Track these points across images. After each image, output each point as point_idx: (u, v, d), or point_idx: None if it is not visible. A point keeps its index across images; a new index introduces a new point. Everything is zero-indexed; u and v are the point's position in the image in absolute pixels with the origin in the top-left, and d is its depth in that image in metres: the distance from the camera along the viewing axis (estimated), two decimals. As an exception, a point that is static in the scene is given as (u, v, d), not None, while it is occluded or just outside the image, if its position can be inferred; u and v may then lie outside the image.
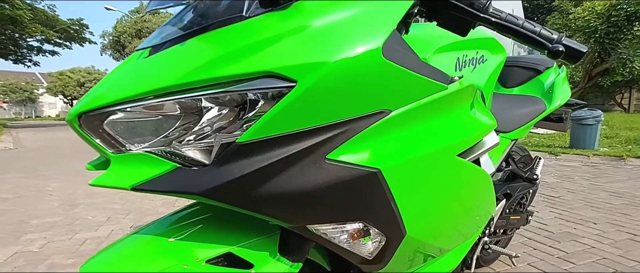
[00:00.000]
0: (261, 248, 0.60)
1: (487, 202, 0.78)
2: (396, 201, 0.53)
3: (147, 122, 0.47)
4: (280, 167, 0.45)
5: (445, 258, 0.84)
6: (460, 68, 0.80)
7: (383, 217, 0.53)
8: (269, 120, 0.43)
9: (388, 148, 0.50)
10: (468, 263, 1.20)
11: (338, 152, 0.47)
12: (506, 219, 1.38)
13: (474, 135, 0.62)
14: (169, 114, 0.47)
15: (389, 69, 0.47)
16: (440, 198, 0.61)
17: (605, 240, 2.05)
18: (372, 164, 0.48)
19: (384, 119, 0.49)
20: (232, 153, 0.44)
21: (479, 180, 0.68)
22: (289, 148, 0.44)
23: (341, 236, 0.55)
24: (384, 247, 0.58)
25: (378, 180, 0.49)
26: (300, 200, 0.47)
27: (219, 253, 0.57)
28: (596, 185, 3.44)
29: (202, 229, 0.59)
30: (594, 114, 5.40)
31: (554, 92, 1.33)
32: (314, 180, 0.46)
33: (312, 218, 0.51)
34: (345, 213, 0.51)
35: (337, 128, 0.46)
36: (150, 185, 0.45)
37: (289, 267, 0.61)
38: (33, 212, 2.79)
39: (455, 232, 0.73)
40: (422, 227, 0.60)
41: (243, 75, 0.42)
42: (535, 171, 1.42)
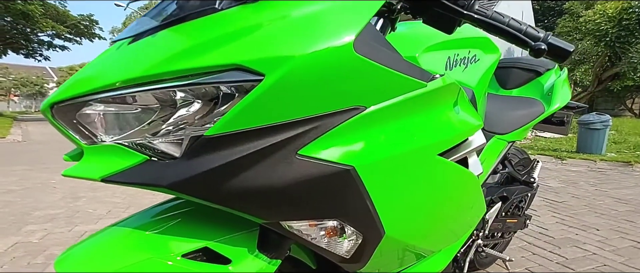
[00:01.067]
0: (239, 244, 0.60)
1: (475, 203, 0.77)
2: (373, 200, 0.52)
3: (121, 113, 0.47)
4: (249, 162, 0.44)
5: (433, 259, 0.83)
6: (451, 67, 0.78)
7: (359, 216, 0.53)
8: (237, 114, 0.42)
9: (363, 146, 0.49)
10: (461, 266, 1.18)
11: (310, 148, 0.46)
12: (502, 222, 1.36)
13: (456, 134, 0.61)
14: (144, 106, 0.47)
15: (361, 64, 0.46)
16: (421, 198, 0.60)
17: (608, 247, 2.01)
18: (346, 161, 0.48)
19: (358, 116, 0.48)
20: (201, 146, 0.44)
21: (463, 181, 0.67)
22: (259, 143, 0.44)
23: (317, 234, 0.54)
24: (361, 246, 0.57)
25: (352, 178, 0.48)
26: (270, 196, 0.46)
27: (195, 247, 0.56)
28: (602, 191, 3.38)
29: (180, 223, 0.59)
30: (602, 118, 5.32)
31: (553, 94, 1.30)
32: (284, 176, 0.45)
33: (284, 214, 0.50)
34: (318, 211, 0.50)
35: (309, 123, 0.45)
36: (119, 177, 0.44)
37: (267, 264, 0.61)
38: (36, 203, 2.83)
39: (439, 233, 0.72)
40: (402, 227, 0.59)
41: (210, 68, 0.42)
42: (532, 174, 1.39)
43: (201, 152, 0.43)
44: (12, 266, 1.74)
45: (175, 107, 0.46)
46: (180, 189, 0.44)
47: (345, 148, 0.48)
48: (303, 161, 0.46)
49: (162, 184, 0.43)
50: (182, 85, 0.42)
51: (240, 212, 0.49)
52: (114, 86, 0.43)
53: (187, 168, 0.43)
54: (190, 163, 0.43)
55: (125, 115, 0.47)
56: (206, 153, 0.43)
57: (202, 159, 0.43)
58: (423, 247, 0.70)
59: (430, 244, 0.72)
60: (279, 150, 0.45)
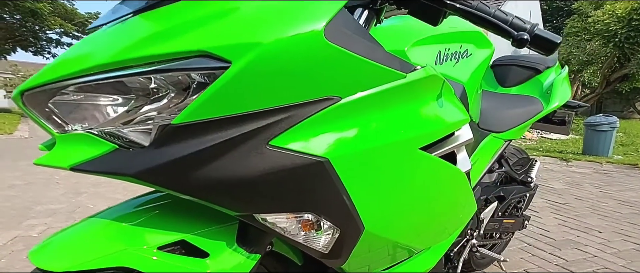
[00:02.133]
0: (218, 238, 0.59)
1: (464, 200, 0.75)
2: (350, 194, 0.50)
3: (93, 102, 0.46)
4: (218, 152, 0.43)
5: (421, 257, 0.81)
6: (441, 62, 0.77)
7: (335, 210, 0.51)
8: (203, 102, 0.41)
9: (338, 138, 0.48)
10: (454, 265, 1.16)
11: (282, 139, 0.45)
12: (499, 222, 1.34)
13: (439, 128, 0.59)
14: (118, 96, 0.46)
15: (334, 53, 0.44)
16: (402, 193, 0.58)
17: (609, 249, 1.97)
18: (320, 153, 0.46)
19: (332, 106, 0.47)
20: (168, 135, 0.43)
21: (449, 177, 0.65)
22: (227, 133, 0.43)
23: (294, 228, 0.53)
24: (339, 241, 0.56)
25: (326, 171, 0.47)
26: (241, 188, 0.45)
27: (172, 240, 0.56)
28: (606, 193, 3.33)
29: (157, 216, 0.58)
30: (609, 120, 5.24)
31: (552, 92, 1.28)
32: (255, 167, 0.44)
33: (257, 206, 0.49)
34: (292, 203, 0.49)
35: (280, 113, 0.44)
36: (87, 166, 0.44)
37: (246, 258, 0.60)
38: (38, 198, 2.85)
39: (425, 230, 0.70)
40: (383, 222, 0.58)
41: (176, 54, 0.41)
42: (530, 174, 1.37)
43: (168, 141, 0.43)
44: (10, 259, 1.76)
45: (150, 96, 0.45)
46: (146, 178, 0.43)
47: (319, 139, 0.47)
48: (275, 152, 0.45)
49: (128, 173, 0.42)
50: (146, 72, 0.41)
51: (212, 204, 0.48)
52: (80, 73, 0.42)
53: (154, 157, 0.43)
54: (157, 153, 0.43)
55: (98, 105, 0.46)
56: (173, 143, 0.42)
57: (169, 148, 0.42)
58: (408, 244, 0.69)
59: (416, 242, 0.70)
60: (249, 140, 0.44)
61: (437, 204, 0.68)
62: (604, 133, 5.25)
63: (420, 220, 0.66)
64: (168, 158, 0.42)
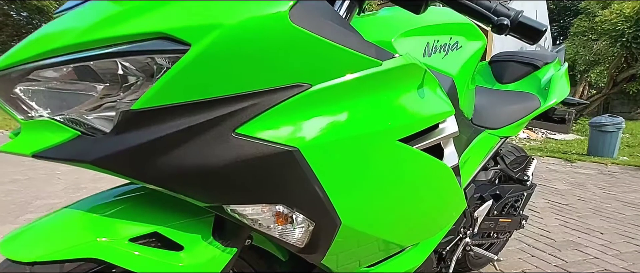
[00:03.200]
0: (193, 230, 0.58)
1: (450, 196, 0.73)
2: (323, 185, 0.49)
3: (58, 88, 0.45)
4: (180, 139, 0.41)
5: (407, 255, 0.79)
6: (429, 54, 0.74)
7: (307, 202, 0.50)
8: (163, 86, 0.40)
9: (309, 127, 0.46)
10: (447, 264, 1.14)
11: (248, 127, 0.43)
12: (495, 221, 1.31)
13: (420, 119, 0.57)
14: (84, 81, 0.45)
15: (301, 37, 0.43)
16: (380, 187, 0.56)
17: (610, 251, 1.94)
18: (289, 142, 0.45)
19: (302, 94, 0.45)
20: (128, 121, 0.41)
21: (432, 171, 0.63)
22: (190, 120, 0.41)
23: (267, 220, 0.51)
24: (315, 235, 0.54)
25: (296, 161, 0.45)
26: (206, 177, 0.44)
27: (144, 231, 0.54)
28: (610, 194, 3.27)
29: (130, 207, 0.57)
30: (615, 120, 5.16)
31: (550, 89, 1.25)
32: (220, 156, 0.42)
33: (224, 197, 0.47)
34: (261, 194, 0.48)
35: (246, 100, 0.43)
36: (49, 153, 0.43)
37: (221, 252, 0.58)
38: (38, 193, 2.87)
39: (407, 226, 0.68)
40: (361, 216, 0.56)
41: (134, 36, 0.39)
42: (526, 172, 1.34)
43: (129, 127, 0.41)
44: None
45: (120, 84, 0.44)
46: (105, 165, 0.42)
47: (288, 128, 0.45)
48: (241, 140, 0.43)
49: (86, 160, 0.41)
50: (104, 55, 0.40)
51: (176, 193, 0.46)
52: (37, 58, 0.41)
53: (113, 144, 0.41)
54: (117, 139, 0.41)
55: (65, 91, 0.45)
56: (134, 129, 0.41)
57: (129, 135, 0.41)
58: (392, 240, 0.67)
59: (400, 238, 0.68)
60: (213, 127, 0.42)
61: (421, 199, 0.65)
62: (609, 134, 5.18)
63: (403, 215, 0.64)
64: (127, 144, 0.41)
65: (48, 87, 0.45)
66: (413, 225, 0.69)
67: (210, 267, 0.57)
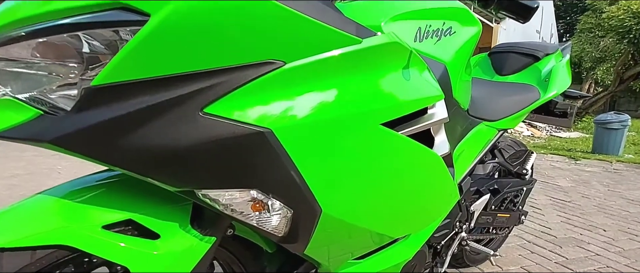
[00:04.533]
0: (169, 218, 0.56)
1: (440, 186, 0.70)
2: (299, 170, 0.46)
3: (22, 67, 0.43)
4: (143, 118, 0.39)
5: (398, 247, 0.77)
6: (421, 39, 0.71)
7: (283, 187, 0.47)
8: (122, 60, 0.37)
9: (283, 107, 0.44)
10: (443, 260, 1.12)
11: (217, 106, 0.41)
12: (492, 216, 1.28)
13: (405, 103, 0.54)
14: (49, 58, 0.43)
15: (271, 9, 0.40)
16: (363, 173, 0.54)
17: (613, 248, 1.90)
18: (261, 123, 0.42)
19: (275, 72, 0.43)
20: (88, 99, 0.39)
21: (420, 158, 0.60)
22: (154, 97, 0.39)
23: (240, 206, 0.49)
24: (294, 223, 0.52)
25: (268, 143, 0.43)
26: (172, 159, 0.42)
27: (117, 219, 0.52)
28: (614, 192, 3.22)
29: (104, 193, 0.55)
30: (620, 117, 5.09)
31: (550, 80, 1.21)
32: (187, 136, 0.40)
33: (194, 181, 0.45)
34: (233, 178, 0.45)
35: (214, 77, 0.40)
36: (10, 133, 0.41)
37: (199, 241, 0.56)
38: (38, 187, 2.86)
39: (396, 216, 0.66)
40: (342, 204, 0.53)
41: (93, 7, 0.37)
42: (525, 166, 1.31)
43: (89, 105, 0.39)
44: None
45: (83, 61, 0.42)
46: (64, 145, 0.40)
47: (261, 108, 0.43)
48: (209, 120, 0.41)
49: (44, 139, 0.39)
50: (60, 27, 0.38)
51: (143, 176, 0.44)
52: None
53: (74, 122, 0.39)
54: (77, 118, 0.39)
55: (27, 69, 0.43)
56: (94, 107, 0.39)
57: (89, 113, 0.39)
58: (379, 231, 0.64)
59: (388, 229, 0.66)
60: (178, 105, 0.40)
61: (409, 188, 0.63)
62: (614, 131, 5.10)
63: (389, 205, 0.62)
64: (86, 123, 0.39)
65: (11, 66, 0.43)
66: (401, 216, 0.66)
67: (187, 255, 0.56)
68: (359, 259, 0.75)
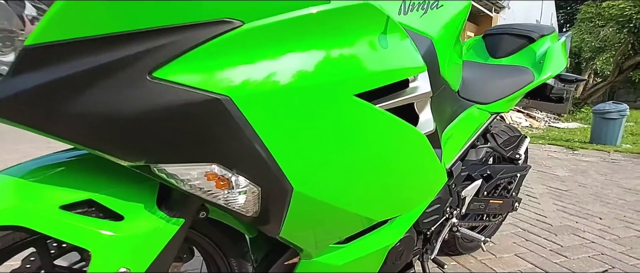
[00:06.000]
0: (134, 199, 0.52)
1: (424, 165, 0.67)
2: (265, 143, 0.43)
3: None
4: (84, 82, 0.36)
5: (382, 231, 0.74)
6: (406, 11, 0.68)
7: (246, 161, 0.44)
8: (56, 16, 0.34)
9: (243, 72, 0.40)
10: (433, 246, 1.09)
11: (167, 70, 0.37)
12: (485, 202, 1.26)
13: (382, 73, 0.50)
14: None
15: None
16: (336, 148, 0.50)
17: (609, 236, 1.88)
18: (219, 89, 0.39)
19: (232, 33, 0.39)
20: (22, 61, 0.36)
21: (400, 134, 0.57)
22: (96, 59, 0.36)
23: (200, 183, 0.45)
24: (264, 202, 0.48)
25: (227, 111, 0.39)
26: (119, 128, 0.38)
27: (76, 199, 0.49)
28: (611, 181, 3.20)
29: (63, 172, 0.52)
30: (619, 107, 5.05)
31: (545, 62, 1.18)
32: (133, 103, 0.37)
33: (146, 154, 0.42)
34: (189, 151, 0.42)
35: (163, 36, 0.37)
36: None
37: (166, 223, 0.53)
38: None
39: (375, 197, 0.62)
40: (316, 182, 0.50)
41: None
42: (518, 150, 1.28)
43: (24, 68, 0.36)
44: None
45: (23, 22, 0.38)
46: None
47: (217, 73, 0.39)
48: (158, 85, 0.37)
49: None
50: None
51: (90, 149, 0.41)
52: None
53: (8, 88, 0.36)
54: (12, 83, 0.36)
55: None
56: (30, 70, 0.35)
57: (24, 77, 0.35)
58: (358, 212, 0.61)
59: (369, 210, 0.63)
60: (124, 68, 0.36)
61: (389, 166, 0.59)
62: (613, 121, 5.08)
63: (367, 184, 0.58)
64: (21, 88, 0.35)
65: None
66: (382, 197, 0.63)
67: (153, 238, 0.53)
68: (342, 244, 0.72)
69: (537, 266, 1.52)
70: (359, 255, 0.75)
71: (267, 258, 0.82)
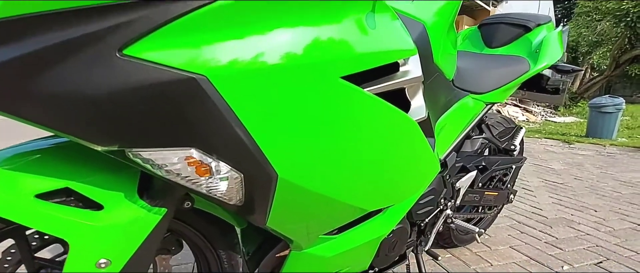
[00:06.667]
0: (114, 188, 0.50)
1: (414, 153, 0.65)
2: (246, 127, 0.41)
3: None
4: (48, 59, 0.34)
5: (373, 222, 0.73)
6: (397, -5, 0.65)
7: (227, 146, 0.42)
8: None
9: (220, 50, 0.38)
10: (427, 238, 1.08)
11: (139, 47, 0.35)
12: (479, 194, 1.25)
13: (369, 54, 0.48)
14: None
15: None
16: (322, 133, 0.48)
17: (603, 228, 1.88)
18: (194, 68, 0.37)
19: (208, 7, 0.37)
20: None
21: (390, 120, 0.55)
22: (61, 34, 0.33)
23: (178, 168, 0.43)
24: (247, 189, 0.47)
25: (203, 91, 0.37)
26: (88, 110, 0.36)
27: (52, 187, 0.47)
28: (607, 174, 3.21)
29: (38, 160, 0.50)
30: (615, 101, 5.07)
31: (541, 52, 1.16)
32: (103, 82, 0.35)
33: (119, 137, 0.40)
34: (163, 135, 0.40)
35: (133, 10, 0.34)
36: None
37: (148, 212, 0.52)
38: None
39: (365, 186, 0.60)
40: (302, 169, 0.48)
41: None
42: (513, 141, 1.26)
43: None
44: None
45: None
46: None
47: (192, 50, 0.37)
48: (129, 63, 0.35)
49: None
50: None
51: (57, 131, 0.39)
52: None
53: None
54: None
55: None
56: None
57: None
58: (345, 201, 0.59)
59: (359, 200, 0.61)
60: (91, 45, 0.34)
61: (379, 153, 0.58)
62: (609, 115, 5.09)
63: (356, 172, 0.56)
64: None
65: None
66: (373, 185, 0.61)
67: (135, 228, 0.51)
68: (333, 235, 0.71)
69: (532, 258, 1.52)
70: (350, 246, 0.73)
71: (259, 250, 0.80)
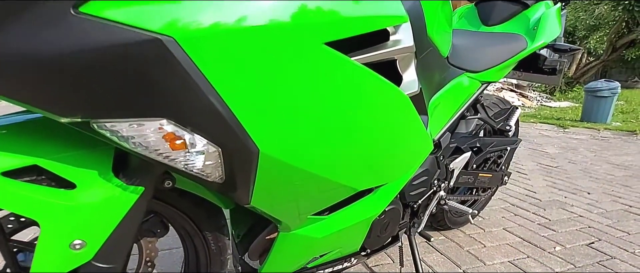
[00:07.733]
0: (87, 166, 0.48)
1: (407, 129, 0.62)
2: (220, 95, 0.38)
3: None
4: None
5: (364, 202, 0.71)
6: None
7: (201, 116, 0.39)
8: None
9: (188, 9, 0.35)
10: (420, 219, 1.07)
11: (97, 4, 0.32)
12: (473, 176, 1.23)
13: (355, 19, 0.45)
14: None
15: None
16: (305, 105, 0.45)
17: (596, 210, 1.89)
18: (159, 28, 0.33)
19: None
20: None
21: (379, 92, 0.52)
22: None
23: (148, 141, 0.40)
24: (227, 165, 0.44)
25: (170, 54, 0.34)
26: (42, 74, 0.33)
27: (20, 164, 0.44)
28: (601, 157, 3.23)
29: (6, 136, 0.46)
30: (610, 85, 5.06)
31: (539, 29, 1.13)
32: (56, 44, 0.31)
33: (80, 106, 0.36)
34: (128, 103, 0.36)
35: None
36: None
37: (123, 191, 0.49)
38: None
39: (353, 162, 0.58)
40: (284, 143, 0.46)
41: None
42: (508, 122, 1.24)
43: None
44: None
45: None
46: None
47: (159, 7, 0.34)
48: (85, 21, 0.32)
49: None
50: None
51: (13, 100, 0.35)
52: None
53: None
54: None
55: None
56: None
57: None
58: (333, 179, 0.57)
59: (344, 177, 0.58)
60: (43, 1, 0.31)
61: (367, 127, 0.55)
62: (604, 99, 5.10)
63: (343, 147, 0.54)
64: None
65: None
66: (361, 163, 0.59)
67: (110, 207, 0.48)
68: (322, 215, 0.69)
69: (525, 239, 1.52)
70: (340, 227, 0.72)
71: (249, 233, 0.78)
